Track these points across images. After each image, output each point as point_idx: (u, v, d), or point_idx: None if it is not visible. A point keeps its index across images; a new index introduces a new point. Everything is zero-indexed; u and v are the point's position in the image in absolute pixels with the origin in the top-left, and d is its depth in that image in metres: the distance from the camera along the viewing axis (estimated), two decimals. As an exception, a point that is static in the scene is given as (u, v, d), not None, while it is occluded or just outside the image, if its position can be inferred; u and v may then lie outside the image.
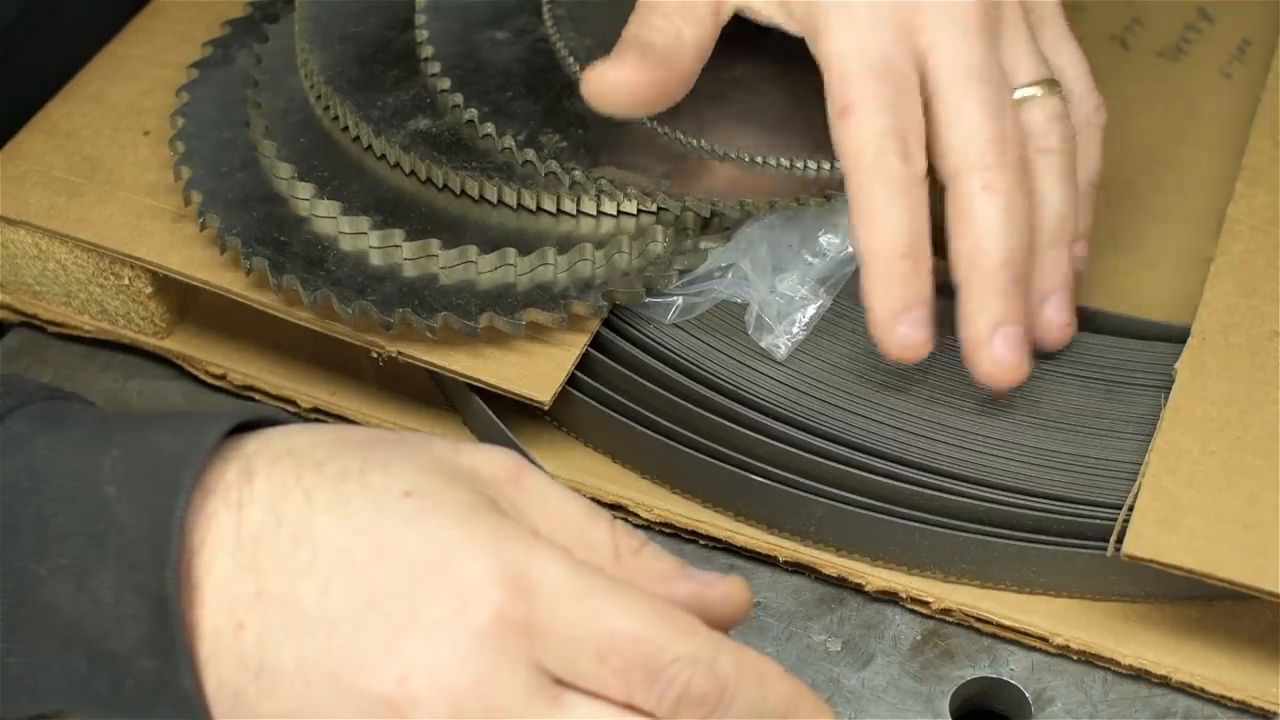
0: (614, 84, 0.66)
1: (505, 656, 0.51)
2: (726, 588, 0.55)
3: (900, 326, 0.64)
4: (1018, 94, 0.67)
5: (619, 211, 0.68)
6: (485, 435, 0.68)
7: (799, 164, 0.68)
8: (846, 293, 0.70)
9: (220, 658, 0.52)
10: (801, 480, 0.65)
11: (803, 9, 0.66)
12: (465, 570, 0.51)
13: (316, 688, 0.51)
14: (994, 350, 0.65)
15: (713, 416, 0.67)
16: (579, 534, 0.54)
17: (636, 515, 0.68)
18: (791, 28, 0.67)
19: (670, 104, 0.67)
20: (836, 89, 0.65)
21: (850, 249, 0.69)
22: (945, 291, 0.65)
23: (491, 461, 0.55)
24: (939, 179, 0.65)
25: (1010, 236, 0.64)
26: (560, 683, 0.52)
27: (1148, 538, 0.60)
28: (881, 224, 0.64)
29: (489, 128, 0.69)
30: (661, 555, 0.55)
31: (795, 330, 0.69)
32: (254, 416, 0.55)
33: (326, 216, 0.68)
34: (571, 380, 0.67)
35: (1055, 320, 0.68)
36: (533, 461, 0.63)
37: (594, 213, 0.68)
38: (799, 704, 0.54)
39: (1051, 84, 0.67)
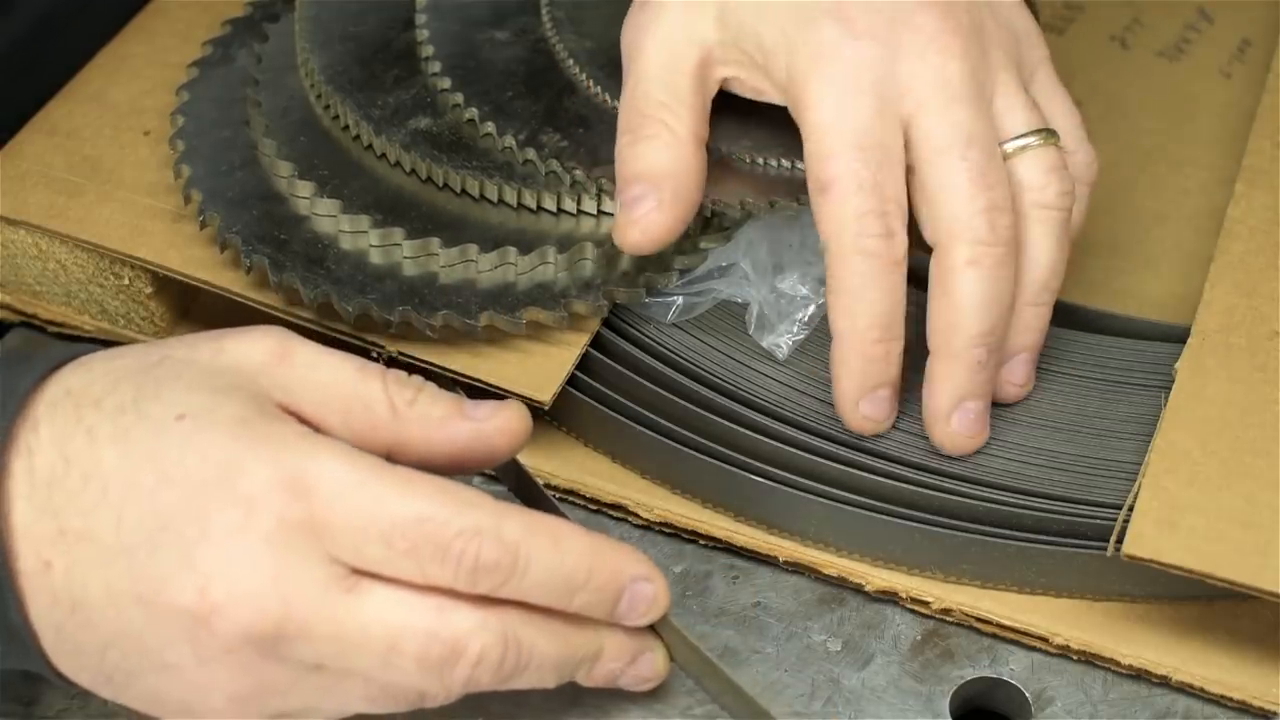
0: (641, 234, 0.65)
1: (295, 555, 0.54)
2: (502, 419, 0.59)
3: (864, 406, 0.65)
4: (1012, 145, 0.65)
5: (619, 211, 0.68)
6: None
7: (799, 164, 0.68)
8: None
9: (36, 596, 0.54)
10: (801, 480, 0.65)
11: (784, 76, 0.65)
12: (244, 481, 0.54)
13: (126, 612, 0.54)
14: (952, 424, 0.65)
15: (713, 416, 0.67)
16: (354, 396, 0.57)
17: (636, 515, 0.68)
18: (776, 97, 0.66)
19: (697, 208, 0.66)
20: (817, 164, 0.64)
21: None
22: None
23: (257, 348, 0.57)
24: (926, 240, 0.65)
25: (989, 314, 0.64)
26: (359, 573, 0.54)
27: (1148, 538, 0.60)
28: (857, 304, 0.64)
29: (489, 127, 0.69)
30: (437, 399, 0.58)
31: (796, 330, 0.69)
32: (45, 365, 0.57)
33: (327, 215, 0.68)
34: (571, 380, 0.67)
35: (1016, 379, 0.67)
36: (522, 468, 0.63)
37: (594, 212, 0.68)
38: (599, 557, 0.57)
39: (1048, 133, 0.66)
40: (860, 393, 0.65)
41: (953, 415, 0.65)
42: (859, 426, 0.66)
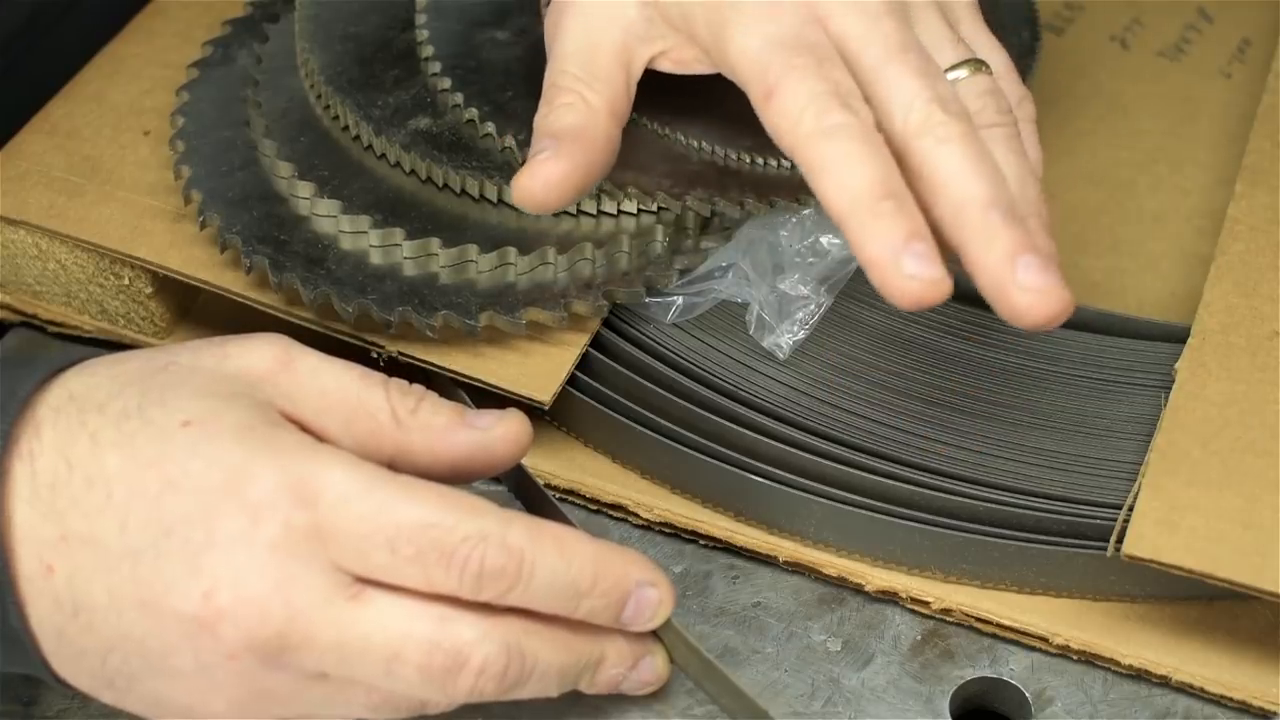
0: (541, 187, 0.62)
1: (300, 562, 0.54)
2: (505, 428, 0.59)
3: (906, 263, 0.56)
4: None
5: (619, 211, 0.68)
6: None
7: (799, 164, 0.68)
8: (847, 293, 0.70)
9: (37, 601, 0.54)
10: (801, 480, 0.65)
11: (706, 34, 0.62)
12: (250, 488, 0.54)
13: (129, 617, 0.54)
14: (1019, 279, 0.56)
15: (713, 416, 0.67)
16: (357, 404, 0.57)
17: (636, 515, 0.68)
18: (705, 64, 0.64)
19: (602, 174, 0.64)
20: (755, 84, 0.60)
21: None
22: None
23: (260, 355, 0.57)
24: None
25: (986, 173, 0.58)
26: (362, 580, 0.54)
27: (1148, 538, 0.60)
28: (846, 174, 0.57)
29: (489, 127, 0.69)
30: (439, 408, 0.58)
31: (796, 330, 0.69)
32: (44, 371, 0.57)
33: (327, 215, 0.68)
34: (571, 380, 0.67)
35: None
36: (525, 471, 0.63)
37: (594, 212, 0.68)
38: (604, 563, 0.57)
39: (977, 63, 0.63)
40: (895, 252, 0.56)
41: (1015, 273, 0.56)
42: (911, 292, 0.56)
